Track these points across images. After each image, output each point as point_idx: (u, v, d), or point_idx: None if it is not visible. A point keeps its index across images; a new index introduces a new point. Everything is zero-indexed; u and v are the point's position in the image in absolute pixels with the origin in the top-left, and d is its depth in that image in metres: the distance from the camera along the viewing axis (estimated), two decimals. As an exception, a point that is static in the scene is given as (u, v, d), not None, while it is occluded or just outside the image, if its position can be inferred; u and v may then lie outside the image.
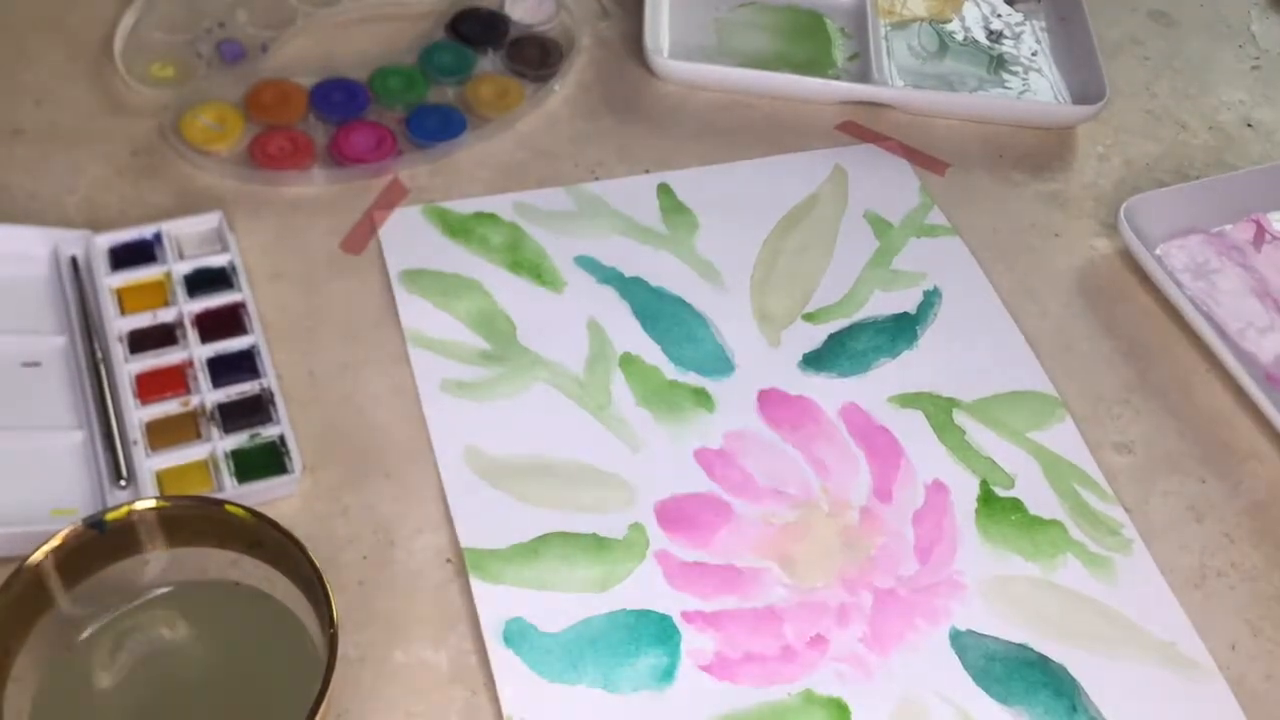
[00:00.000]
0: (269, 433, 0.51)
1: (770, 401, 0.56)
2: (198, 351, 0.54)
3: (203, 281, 0.56)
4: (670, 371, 0.57)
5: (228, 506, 0.43)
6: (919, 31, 0.75)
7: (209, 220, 0.58)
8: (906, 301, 0.61)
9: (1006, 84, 0.72)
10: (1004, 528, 0.53)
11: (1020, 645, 0.50)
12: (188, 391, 0.53)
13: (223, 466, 0.50)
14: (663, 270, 0.60)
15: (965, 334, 0.60)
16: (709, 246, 0.62)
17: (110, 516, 0.42)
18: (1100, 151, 0.70)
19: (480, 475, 0.52)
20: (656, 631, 0.48)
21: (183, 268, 0.56)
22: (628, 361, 0.57)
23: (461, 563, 0.49)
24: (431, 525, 0.51)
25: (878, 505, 0.53)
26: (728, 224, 0.63)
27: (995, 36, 0.75)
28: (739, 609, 0.49)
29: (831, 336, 0.59)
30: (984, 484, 0.54)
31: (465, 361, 0.56)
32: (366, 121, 0.64)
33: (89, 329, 0.54)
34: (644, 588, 0.50)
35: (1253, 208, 0.66)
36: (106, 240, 0.57)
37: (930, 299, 0.61)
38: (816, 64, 0.72)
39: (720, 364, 0.57)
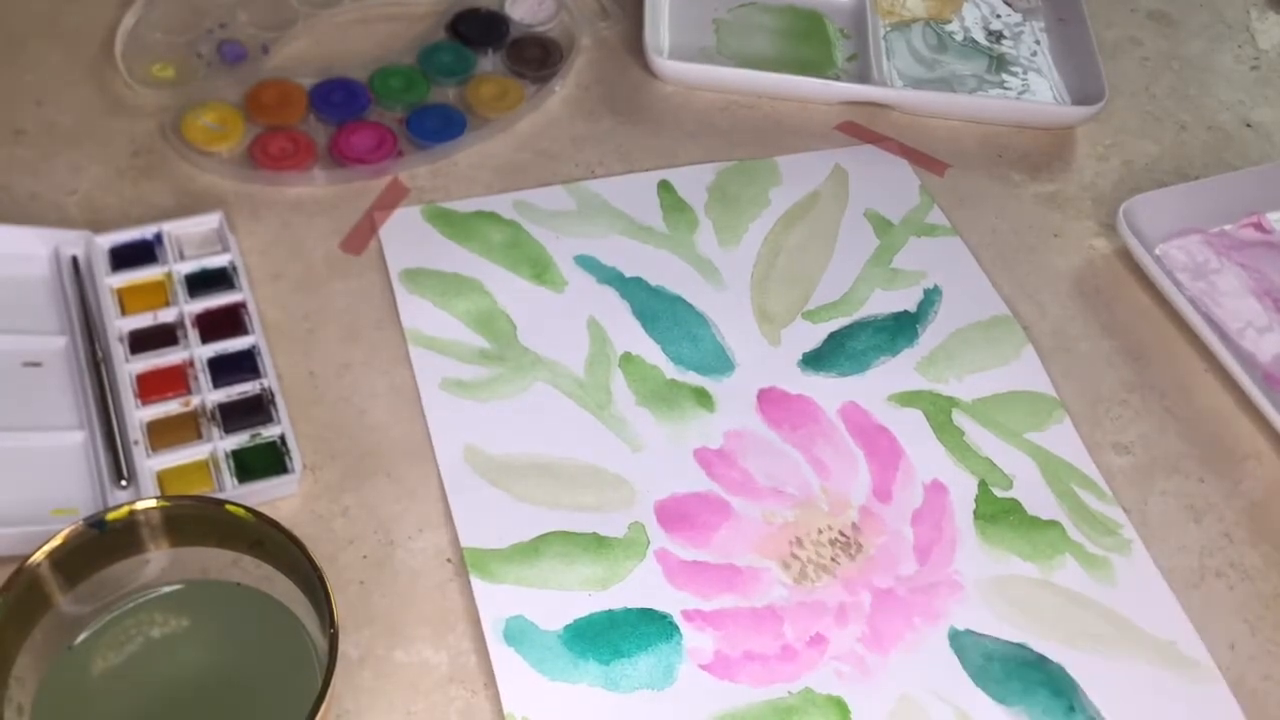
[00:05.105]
0: (269, 433, 0.51)
1: (770, 401, 0.56)
2: (198, 352, 0.54)
3: (203, 282, 0.56)
4: (670, 371, 0.57)
5: (228, 506, 0.43)
6: (919, 32, 0.75)
7: (209, 220, 0.58)
8: (907, 300, 0.61)
9: (1006, 84, 0.73)
10: (1002, 528, 0.53)
11: (1019, 645, 0.50)
12: (188, 391, 0.53)
13: (223, 466, 0.50)
14: (663, 270, 0.61)
15: (965, 333, 0.60)
16: (709, 245, 0.62)
17: (111, 516, 0.42)
18: (1099, 152, 0.71)
19: (480, 474, 0.52)
20: (656, 630, 0.48)
21: (183, 268, 0.57)
22: (628, 361, 0.57)
23: (461, 562, 0.49)
24: (431, 525, 0.51)
25: (877, 505, 0.53)
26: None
27: (994, 37, 0.76)
28: (738, 608, 0.50)
29: (831, 335, 0.59)
30: (982, 484, 0.54)
31: (465, 361, 0.56)
32: (367, 122, 0.64)
33: (90, 329, 0.54)
34: (644, 586, 0.50)
35: (1252, 208, 0.66)
36: (107, 240, 0.57)
37: (931, 297, 0.61)
38: (816, 64, 0.72)
39: (720, 363, 0.57)
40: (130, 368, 0.53)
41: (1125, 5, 0.81)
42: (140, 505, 0.42)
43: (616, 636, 0.48)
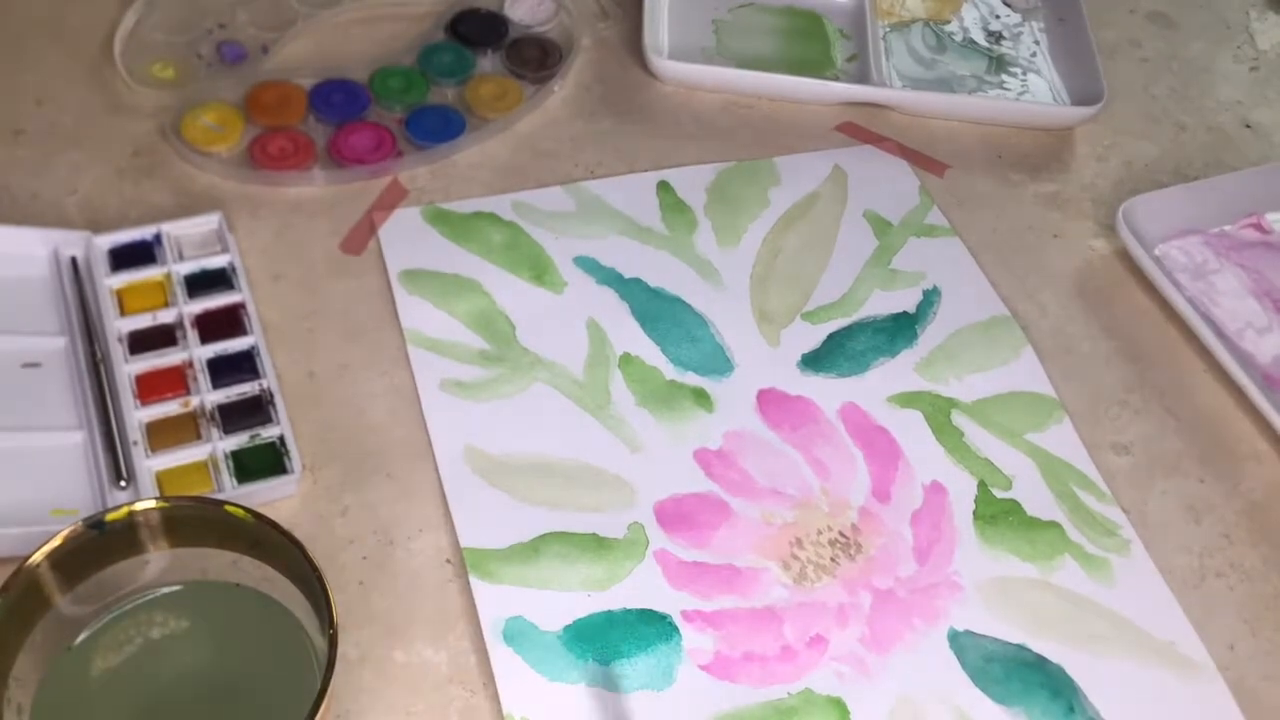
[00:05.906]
0: (269, 433, 0.51)
1: (769, 401, 0.56)
2: (198, 352, 0.54)
3: (203, 282, 0.56)
4: (670, 372, 0.57)
5: (227, 507, 0.43)
6: (918, 32, 0.75)
7: (209, 221, 0.58)
8: (906, 301, 0.61)
9: (1005, 85, 0.73)
10: (1002, 529, 0.53)
11: (1018, 646, 0.50)
12: (188, 392, 0.53)
13: (223, 467, 0.50)
14: (662, 270, 0.61)
15: (964, 334, 0.60)
16: (708, 246, 0.62)
17: (110, 517, 0.42)
18: (1099, 152, 0.71)
19: (480, 475, 0.52)
20: (656, 631, 0.48)
21: (183, 268, 0.57)
22: (627, 362, 0.57)
23: (461, 562, 0.49)
24: (431, 525, 0.51)
25: (876, 506, 0.53)
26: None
27: (994, 37, 0.76)
28: (738, 608, 0.50)
29: (831, 336, 0.59)
30: (982, 485, 0.54)
31: (465, 361, 0.56)
32: (366, 122, 0.64)
33: (89, 330, 0.54)
34: (644, 587, 0.50)
35: (1251, 208, 0.66)
36: (106, 241, 0.57)
37: (930, 298, 0.61)
38: (815, 65, 0.72)
39: (720, 364, 0.57)
40: (129, 368, 0.53)
41: (1125, 6, 0.81)
42: (139, 506, 0.42)
43: (616, 637, 0.48)
